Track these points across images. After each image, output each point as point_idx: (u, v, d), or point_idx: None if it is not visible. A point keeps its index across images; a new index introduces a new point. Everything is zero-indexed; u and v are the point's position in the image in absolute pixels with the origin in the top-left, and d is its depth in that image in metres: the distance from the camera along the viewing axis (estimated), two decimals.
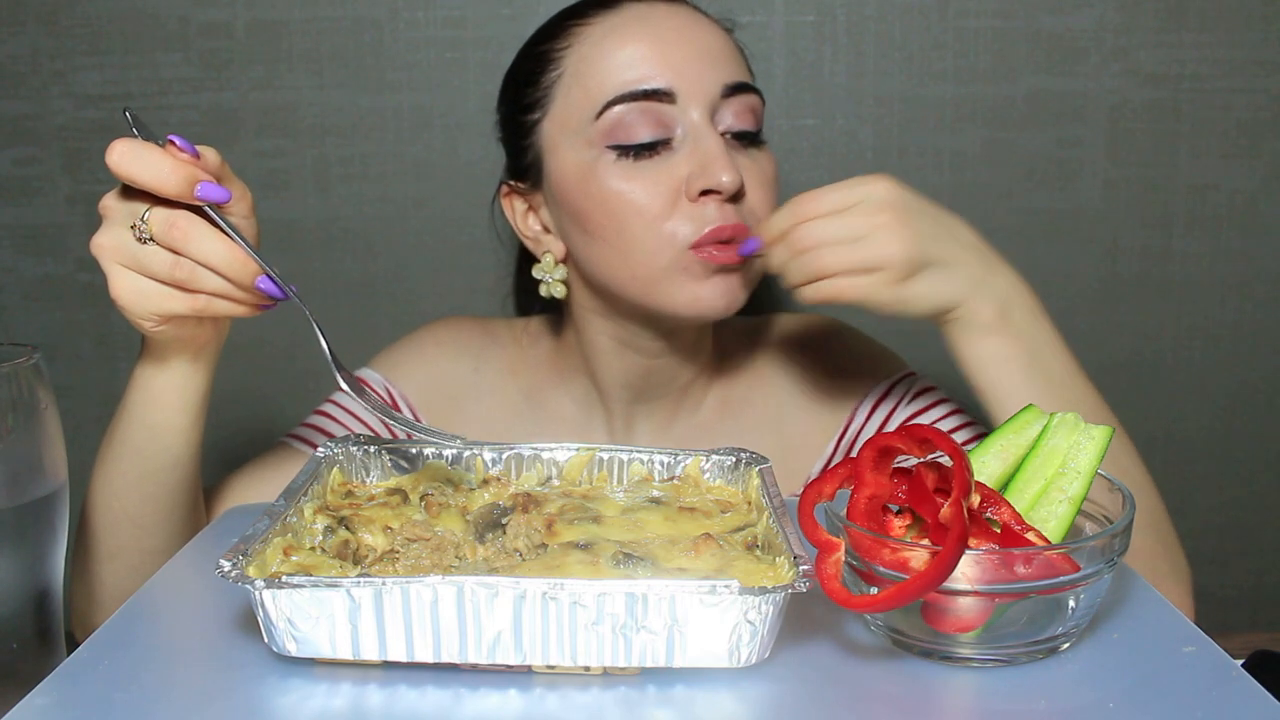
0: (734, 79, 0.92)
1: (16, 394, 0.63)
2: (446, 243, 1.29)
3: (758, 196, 0.92)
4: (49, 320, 1.33)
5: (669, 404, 1.01)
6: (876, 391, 1.01)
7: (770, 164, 0.94)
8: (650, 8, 0.93)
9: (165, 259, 0.70)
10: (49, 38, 1.25)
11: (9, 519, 0.62)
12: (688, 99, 0.90)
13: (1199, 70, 1.24)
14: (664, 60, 0.90)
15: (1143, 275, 1.28)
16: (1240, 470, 1.32)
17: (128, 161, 0.69)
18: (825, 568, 0.57)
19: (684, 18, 0.93)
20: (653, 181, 0.89)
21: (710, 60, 0.91)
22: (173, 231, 0.70)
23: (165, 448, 0.80)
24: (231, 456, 1.29)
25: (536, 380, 1.04)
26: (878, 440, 0.60)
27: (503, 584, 0.54)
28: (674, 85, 0.89)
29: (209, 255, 0.70)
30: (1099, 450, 0.62)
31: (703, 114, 0.90)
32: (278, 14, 1.25)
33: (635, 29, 0.91)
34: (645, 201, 0.89)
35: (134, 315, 0.73)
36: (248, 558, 0.56)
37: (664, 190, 0.89)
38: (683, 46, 0.91)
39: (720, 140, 0.90)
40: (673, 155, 0.90)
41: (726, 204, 0.89)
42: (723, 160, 0.88)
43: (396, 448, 0.74)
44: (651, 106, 0.89)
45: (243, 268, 0.71)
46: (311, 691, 0.55)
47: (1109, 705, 0.54)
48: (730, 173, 0.88)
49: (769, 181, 0.93)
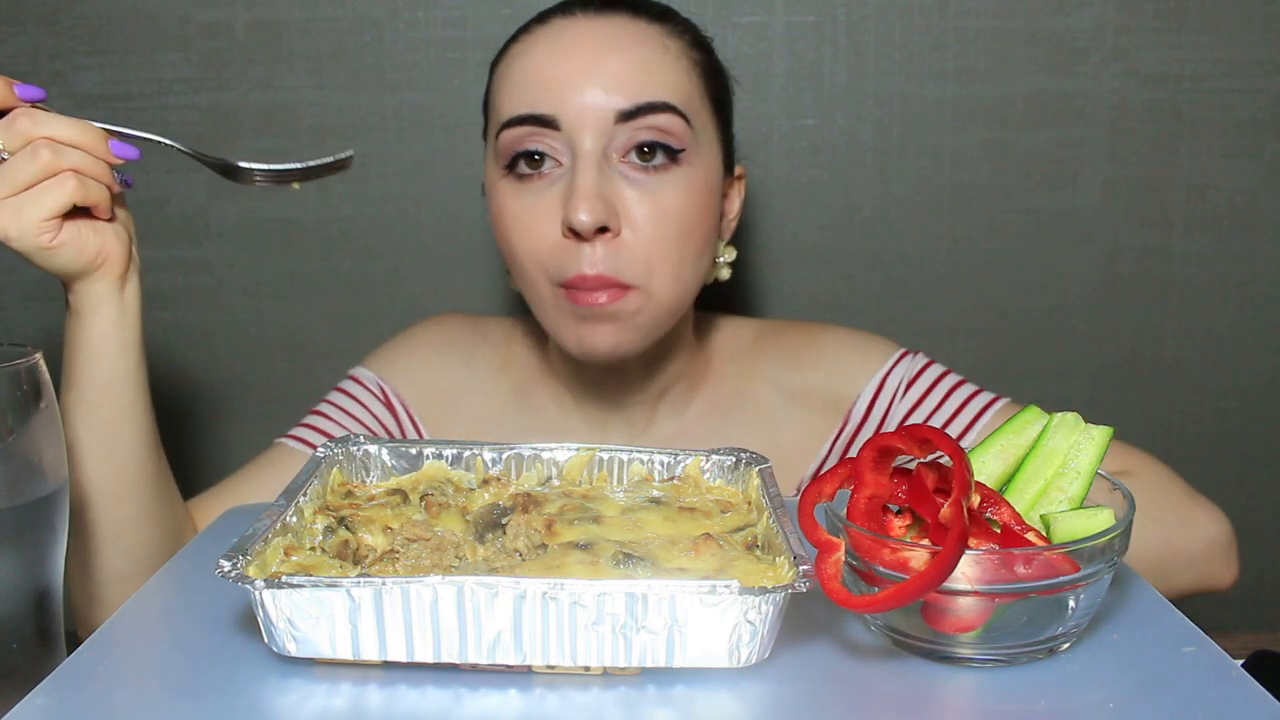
0: (633, 102, 0.88)
1: (16, 394, 0.63)
2: (446, 243, 1.29)
3: (646, 231, 0.88)
4: (49, 320, 1.32)
5: (645, 409, 1.01)
6: (872, 385, 1.01)
7: (675, 192, 0.89)
8: (569, 23, 0.91)
9: (25, 157, 0.73)
10: (49, 38, 1.25)
11: (9, 519, 0.62)
12: (574, 126, 0.88)
13: (1199, 70, 1.24)
14: (553, 85, 0.89)
15: (1142, 275, 1.28)
16: (1240, 470, 1.32)
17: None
18: (825, 568, 0.57)
19: (600, 33, 0.90)
20: (531, 206, 0.90)
21: (612, 83, 0.88)
22: (18, 122, 0.73)
23: (116, 400, 0.81)
24: (230, 456, 1.30)
25: (525, 379, 1.05)
26: (878, 440, 0.60)
27: (503, 584, 0.54)
28: (557, 111, 0.88)
29: (60, 131, 0.74)
30: (1099, 450, 0.62)
31: (594, 142, 0.88)
32: (278, 14, 1.24)
33: (539, 50, 0.91)
34: (526, 225, 0.90)
35: (28, 238, 0.74)
36: (248, 558, 0.56)
37: (544, 218, 0.89)
38: (580, 70, 0.89)
39: (594, 173, 0.87)
40: (557, 183, 0.89)
41: (597, 245, 0.87)
42: (579, 197, 0.86)
43: (397, 447, 0.74)
44: (538, 131, 0.89)
45: (94, 133, 0.75)
46: (311, 691, 0.55)
47: (1109, 705, 0.54)
48: (586, 211, 0.86)
49: (664, 213, 0.89)
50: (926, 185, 1.27)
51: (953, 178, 1.26)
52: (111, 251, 0.78)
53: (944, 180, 1.26)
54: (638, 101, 0.88)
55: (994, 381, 1.04)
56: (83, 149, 0.75)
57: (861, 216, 1.27)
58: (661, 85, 0.90)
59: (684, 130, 0.90)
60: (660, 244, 0.89)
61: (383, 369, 1.05)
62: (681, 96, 0.90)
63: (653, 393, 1.01)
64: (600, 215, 0.86)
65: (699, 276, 0.94)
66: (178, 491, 0.90)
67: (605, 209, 0.87)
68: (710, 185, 0.93)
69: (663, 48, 0.91)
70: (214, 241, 1.29)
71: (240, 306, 1.31)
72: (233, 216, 1.29)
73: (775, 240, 1.28)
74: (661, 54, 0.91)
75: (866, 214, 1.27)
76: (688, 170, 0.90)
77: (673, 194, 0.89)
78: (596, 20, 0.91)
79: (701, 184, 0.91)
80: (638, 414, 1.01)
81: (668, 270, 0.90)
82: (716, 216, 0.95)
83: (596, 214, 0.86)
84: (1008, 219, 1.27)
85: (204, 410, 1.33)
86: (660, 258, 0.89)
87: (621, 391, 1.00)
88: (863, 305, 1.29)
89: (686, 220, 0.90)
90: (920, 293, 1.29)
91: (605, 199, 0.87)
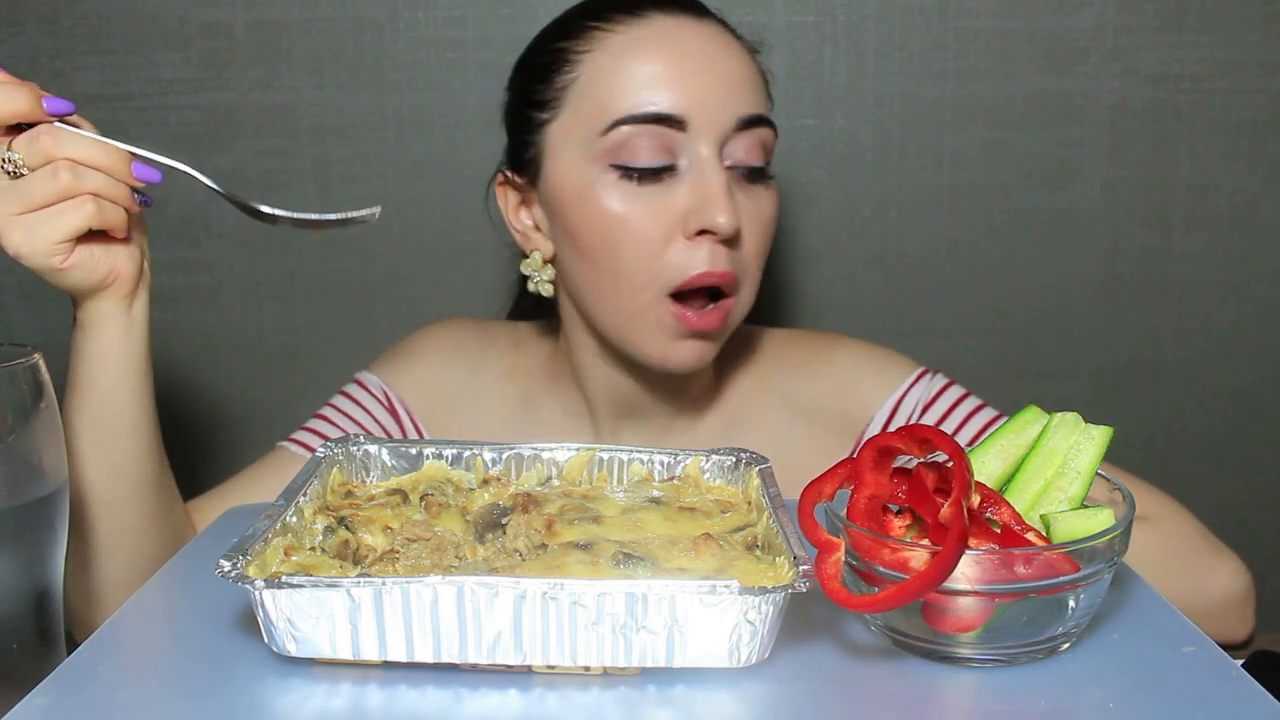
0: (749, 111, 0.89)
1: (16, 394, 0.63)
2: (446, 243, 1.29)
3: (752, 240, 0.90)
4: (49, 320, 1.33)
5: (659, 425, 1.00)
6: (887, 407, 0.99)
7: (770, 204, 0.92)
8: (677, 23, 0.90)
9: (44, 176, 0.72)
10: (49, 38, 1.25)
11: (9, 519, 0.62)
12: (699, 128, 0.87)
13: (1199, 70, 1.24)
14: (680, 84, 0.87)
15: (1142, 275, 1.28)
16: (1240, 470, 1.32)
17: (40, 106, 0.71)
18: (825, 568, 0.57)
19: (709, 39, 0.90)
20: (651, 209, 0.88)
21: (728, 89, 0.88)
22: (41, 140, 0.72)
23: (118, 414, 0.80)
24: (231, 458, 1.30)
25: (532, 386, 1.04)
26: (878, 440, 0.60)
27: (503, 584, 0.54)
28: (687, 112, 0.87)
29: (82, 152, 0.72)
30: (1099, 450, 0.62)
31: (712, 146, 0.88)
32: (278, 14, 1.24)
33: (656, 46, 0.88)
34: (641, 229, 0.88)
35: (39, 258, 0.73)
36: (248, 558, 0.56)
37: (661, 220, 0.87)
38: (702, 72, 0.88)
39: (724, 177, 0.87)
40: (676, 185, 0.88)
41: (720, 246, 0.87)
42: (723, 201, 0.86)
43: (397, 447, 0.74)
44: (661, 131, 0.87)
45: (117, 155, 0.73)
46: (311, 691, 0.55)
47: (1109, 705, 0.54)
48: (728, 214, 0.86)
49: (765, 224, 0.91)
50: (926, 185, 1.27)
51: (953, 178, 1.26)
52: (122, 271, 0.78)
53: (944, 180, 1.26)
54: (754, 111, 0.89)
55: (994, 381, 1.05)
56: (104, 171, 0.73)
57: (861, 216, 1.27)
58: (763, 98, 0.92)
59: (774, 144, 0.92)
60: (760, 252, 0.91)
61: (388, 374, 1.05)
62: (770, 111, 0.93)
63: (674, 406, 0.99)
64: (738, 221, 0.87)
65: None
66: (180, 499, 0.89)
67: (738, 215, 0.87)
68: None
69: (751, 61, 0.93)
70: (214, 241, 1.29)
71: (240, 307, 1.31)
72: (232, 217, 1.28)
73: (775, 240, 1.28)
74: (752, 66, 0.92)
75: (866, 214, 1.27)
76: (773, 185, 0.93)
77: (768, 205, 0.91)
78: (700, 24, 0.91)
79: (778, 197, 0.94)
80: (653, 426, 1.00)
81: (754, 280, 0.92)
82: None
83: (735, 219, 0.86)
84: (1008, 219, 1.27)
85: (203, 410, 1.33)
86: (755, 266, 0.91)
87: (647, 403, 0.98)
88: (863, 305, 1.29)
89: (772, 231, 0.93)
90: (920, 293, 1.29)
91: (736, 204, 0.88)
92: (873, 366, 1.02)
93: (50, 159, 0.72)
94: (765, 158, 0.91)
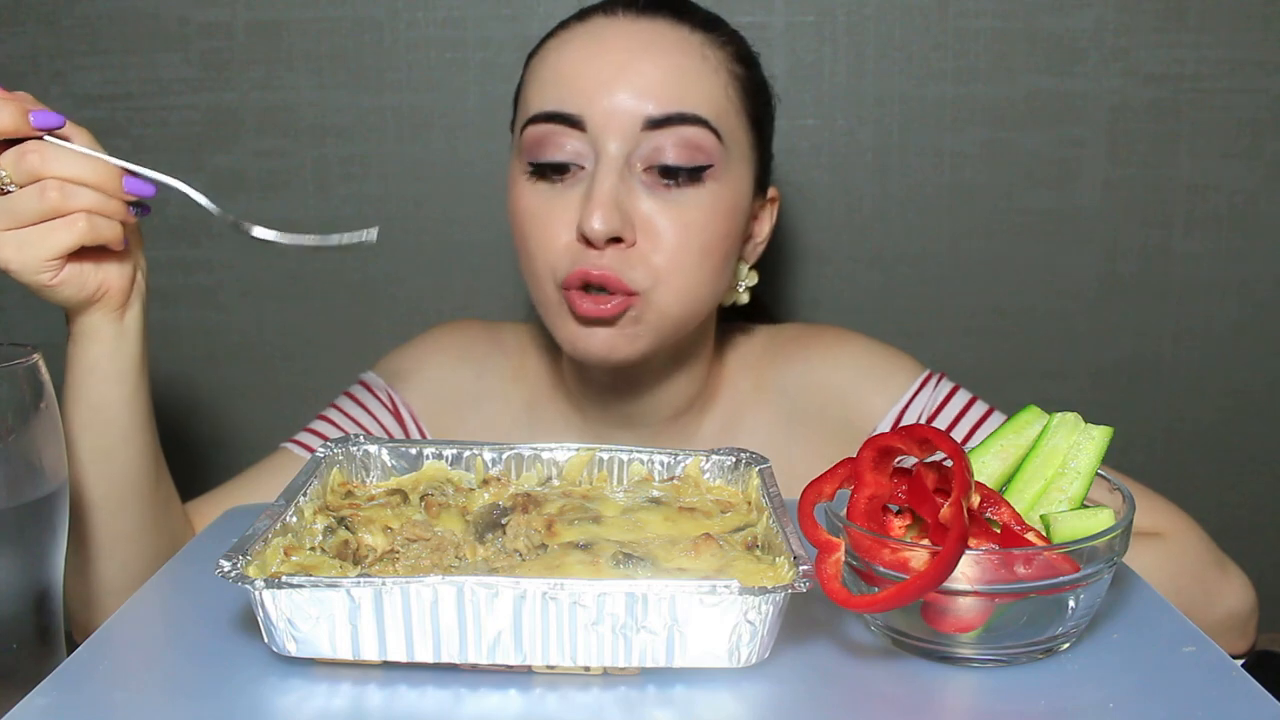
0: (663, 111, 0.86)
1: (16, 394, 0.63)
2: (446, 243, 1.29)
3: (661, 245, 0.87)
4: (49, 320, 1.32)
5: (655, 429, 0.98)
6: (890, 416, 0.98)
7: (699, 210, 0.87)
8: (609, 22, 0.89)
9: (31, 194, 0.70)
10: (49, 38, 1.25)
11: (9, 519, 0.62)
12: (599, 128, 0.86)
13: (1199, 70, 1.24)
14: (580, 84, 0.87)
15: (1142, 275, 1.28)
16: (1240, 470, 1.32)
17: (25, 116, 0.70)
18: (825, 568, 0.57)
19: (636, 36, 0.88)
20: (552, 207, 0.88)
21: (639, 88, 0.86)
22: (28, 158, 0.70)
23: (110, 422, 0.80)
24: (230, 458, 1.30)
25: (538, 390, 1.03)
26: (878, 440, 0.60)
27: (503, 584, 0.54)
28: (583, 112, 0.86)
29: (70, 169, 0.71)
30: (1099, 450, 0.62)
31: (618, 146, 0.86)
32: (278, 14, 1.24)
33: (575, 46, 0.89)
34: (542, 225, 0.88)
35: (28, 274, 0.73)
36: (248, 558, 0.56)
37: (557, 218, 0.88)
38: (610, 70, 0.86)
39: (614, 179, 0.86)
40: (577, 184, 0.88)
41: (607, 247, 0.86)
42: (595, 205, 0.85)
43: (397, 448, 0.74)
44: (562, 130, 0.87)
45: (106, 171, 0.72)
46: (311, 691, 0.55)
47: (1109, 705, 0.54)
48: (600, 220, 0.84)
49: (684, 227, 0.87)
50: (926, 185, 1.27)
51: (953, 178, 1.26)
52: (112, 285, 0.77)
53: (944, 180, 1.26)
54: (668, 110, 0.86)
55: (994, 381, 1.05)
56: (94, 188, 0.72)
57: (861, 216, 1.27)
58: (695, 96, 0.87)
59: (714, 146, 0.87)
60: (675, 257, 0.87)
61: (392, 376, 1.04)
62: (715, 110, 0.88)
63: (665, 412, 0.98)
64: (614, 225, 0.85)
65: (712, 296, 0.92)
66: (178, 503, 0.89)
67: (620, 218, 0.85)
68: (736, 205, 0.90)
69: (702, 57, 0.89)
70: (214, 241, 1.29)
71: (240, 307, 1.31)
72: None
73: (775, 240, 1.28)
74: (700, 63, 0.88)
75: (866, 214, 1.27)
76: (713, 187, 0.88)
77: (695, 209, 0.87)
78: (637, 22, 0.89)
79: (727, 202, 0.89)
80: (648, 434, 0.99)
81: (677, 283, 0.88)
82: (739, 237, 0.93)
83: (610, 223, 0.84)
84: (1008, 219, 1.27)
85: (203, 410, 1.33)
86: (670, 270, 0.87)
87: (633, 407, 0.97)
88: (863, 305, 1.29)
89: (707, 237, 0.88)
90: (920, 293, 1.29)
91: (622, 208, 0.86)
92: (876, 372, 1.00)
93: (38, 177, 0.71)
94: (689, 159, 0.87)
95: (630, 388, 0.96)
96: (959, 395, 0.98)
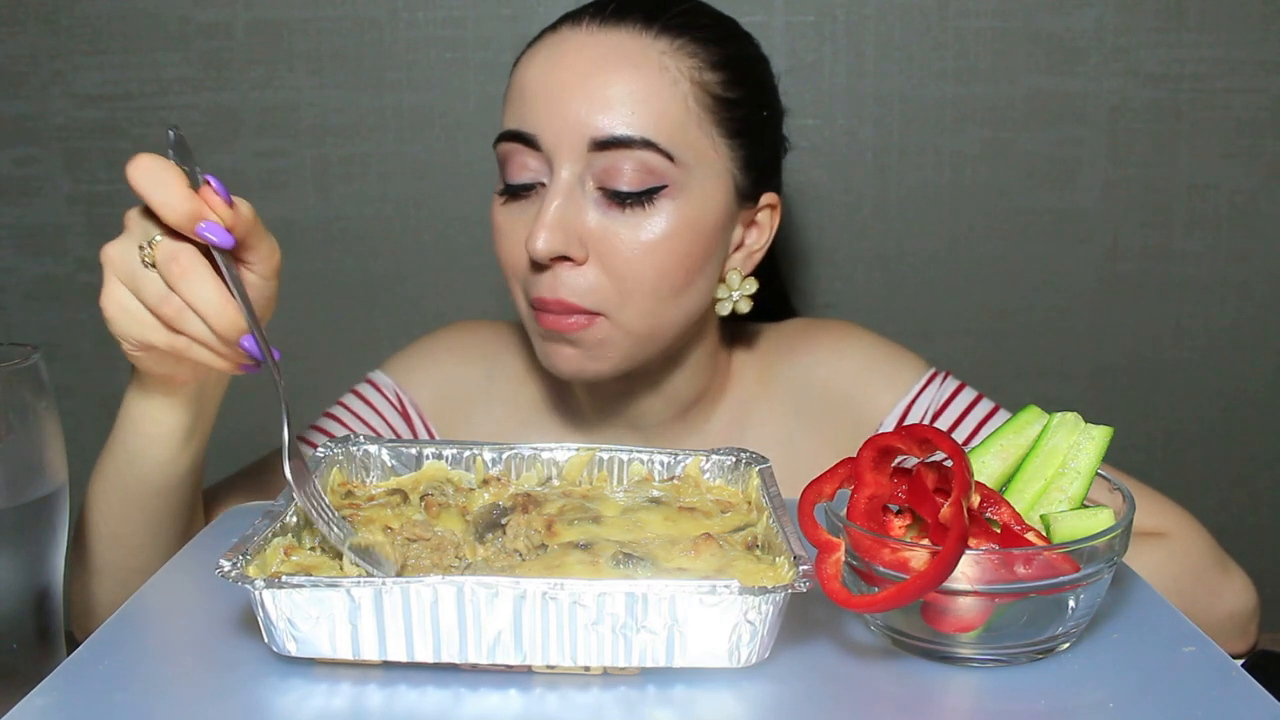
0: (608, 132, 0.84)
1: (16, 394, 0.63)
2: (446, 243, 1.29)
3: (611, 265, 0.85)
4: (49, 320, 1.33)
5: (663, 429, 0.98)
6: (896, 412, 0.97)
7: (652, 230, 0.85)
8: (572, 34, 0.88)
9: (159, 289, 0.68)
10: (49, 38, 1.25)
11: (9, 519, 0.62)
12: (551, 149, 0.86)
13: (1199, 70, 1.24)
14: (534, 103, 0.86)
15: (1143, 275, 1.28)
16: (1240, 470, 1.32)
17: (142, 175, 0.66)
18: (825, 568, 0.57)
19: (592, 50, 0.86)
20: (514, 226, 0.89)
21: (588, 107, 0.84)
22: (172, 265, 0.66)
23: (144, 476, 0.78)
24: (230, 458, 1.30)
25: (547, 390, 1.02)
26: (878, 440, 0.60)
27: (503, 584, 0.54)
28: (537, 131, 0.86)
29: (199, 300, 0.67)
30: (1099, 450, 0.62)
31: (570, 166, 0.85)
32: (278, 14, 1.24)
33: (538, 63, 0.88)
34: (508, 244, 0.89)
35: (115, 331, 0.71)
36: (248, 558, 0.56)
37: (518, 237, 0.88)
38: (563, 89, 0.85)
39: (563, 199, 0.85)
40: (537, 202, 0.87)
41: (550, 271, 0.86)
42: (539, 225, 0.84)
43: (397, 448, 0.74)
44: (522, 150, 0.87)
45: (230, 322, 0.67)
46: (311, 691, 0.55)
47: (1109, 705, 0.54)
48: (542, 240, 0.84)
49: (636, 249, 0.85)
50: (926, 185, 1.27)
51: (953, 178, 1.26)
52: (188, 381, 0.75)
53: (944, 180, 1.26)
54: (614, 133, 0.84)
55: (994, 381, 1.05)
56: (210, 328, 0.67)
57: (861, 216, 1.27)
58: (646, 116, 0.85)
59: (665, 167, 0.85)
60: (631, 276, 0.86)
61: (401, 375, 1.03)
62: (669, 129, 0.85)
63: (670, 411, 0.98)
64: (556, 245, 0.84)
65: (686, 310, 0.90)
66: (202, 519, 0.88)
67: (564, 238, 0.84)
68: (702, 218, 0.88)
69: (660, 70, 0.86)
70: None
71: None
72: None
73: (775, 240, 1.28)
74: (657, 77, 0.85)
75: (866, 214, 1.27)
76: (668, 206, 0.86)
77: (646, 229, 0.86)
78: (598, 33, 0.87)
79: (687, 220, 0.87)
80: (655, 432, 0.99)
81: (640, 303, 0.87)
82: (711, 249, 0.89)
83: (552, 244, 0.84)
84: (1008, 219, 1.27)
85: None
86: (631, 289, 0.86)
87: (635, 408, 0.97)
88: (863, 305, 1.29)
89: (662, 256, 0.86)
90: (920, 293, 1.29)
91: (568, 228, 0.85)
92: (883, 367, 0.99)
93: (170, 283, 0.67)
94: (637, 183, 0.85)
95: (628, 391, 0.96)
96: (964, 393, 0.98)
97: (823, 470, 0.61)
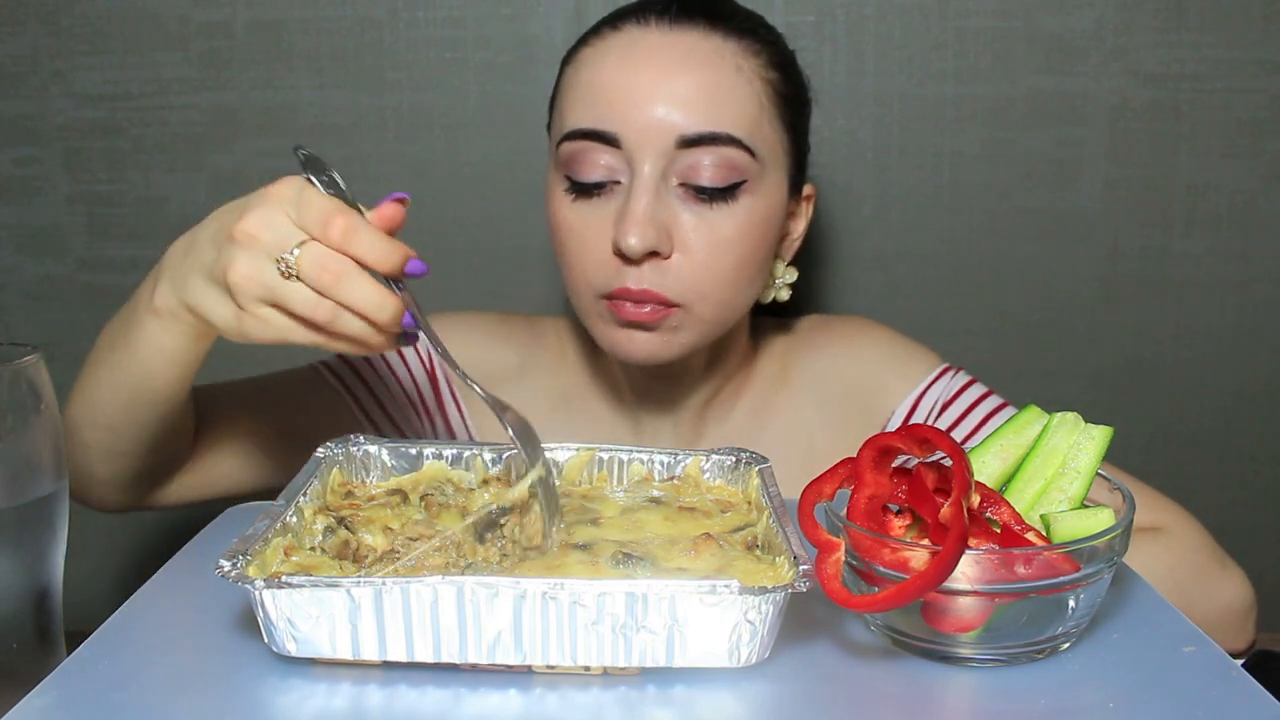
0: (695, 130, 0.86)
1: (16, 394, 0.63)
2: (447, 243, 1.29)
3: (698, 259, 0.88)
4: (49, 320, 1.32)
5: (693, 414, 1.01)
6: (907, 403, 1.00)
7: (733, 224, 0.88)
8: (642, 33, 0.89)
9: (308, 297, 0.66)
10: (49, 38, 1.25)
11: (9, 519, 0.62)
12: (634, 146, 0.87)
13: (1199, 70, 1.23)
14: (616, 101, 0.87)
15: (1142, 275, 1.28)
16: (1240, 470, 1.32)
17: (354, 240, 0.65)
18: (825, 568, 0.57)
19: (669, 50, 0.88)
20: (588, 223, 0.89)
21: (673, 105, 0.86)
22: (323, 275, 0.65)
23: (155, 389, 0.79)
24: None
25: (576, 382, 1.04)
26: (878, 440, 0.60)
27: (503, 584, 0.54)
28: (619, 130, 0.87)
29: (358, 300, 0.66)
30: (1099, 450, 0.62)
31: (653, 164, 0.87)
32: (278, 14, 1.24)
33: (611, 60, 0.89)
34: (579, 239, 0.90)
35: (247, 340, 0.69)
36: (248, 558, 0.56)
37: (594, 234, 0.89)
38: (645, 87, 0.87)
39: (651, 196, 0.86)
40: (613, 200, 0.88)
41: (638, 265, 0.87)
42: (632, 221, 0.85)
43: (397, 448, 0.74)
44: (598, 147, 0.88)
45: (393, 314, 0.67)
46: (311, 691, 0.55)
47: (1109, 705, 0.54)
48: (637, 236, 0.85)
49: (718, 244, 0.88)
50: (926, 185, 1.27)
51: (953, 178, 1.26)
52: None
53: (944, 180, 1.26)
54: (701, 130, 0.87)
55: (994, 381, 1.04)
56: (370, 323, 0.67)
57: (861, 216, 1.27)
58: (728, 113, 0.87)
59: (747, 162, 0.88)
60: (711, 271, 0.89)
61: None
62: (748, 126, 0.88)
63: (704, 398, 1.01)
64: (650, 241, 0.86)
65: (750, 299, 0.95)
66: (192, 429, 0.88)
67: (656, 234, 0.86)
68: (771, 213, 0.92)
69: (736, 69, 0.89)
70: None
71: None
72: None
73: None
74: (734, 77, 0.88)
75: (866, 214, 1.27)
76: (748, 200, 0.89)
77: (730, 223, 0.89)
78: (670, 34, 0.89)
79: (761, 213, 0.90)
80: (686, 419, 1.01)
81: (717, 295, 0.90)
82: (775, 242, 0.94)
83: (647, 240, 0.86)
84: (1008, 219, 1.27)
85: None
86: (710, 283, 0.89)
87: (675, 395, 1.00)
88: (863, 305, 1.29)
89: (742, 249, 0.89)
90: (920, 293, 1.29)
91: (658, 223, 0.87)
92: (896, 359, 1.03)
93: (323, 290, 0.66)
94: (722, 179, 0.87)
95: (671, 378, 0.99)
96: (974, 388, 1.01)
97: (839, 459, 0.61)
